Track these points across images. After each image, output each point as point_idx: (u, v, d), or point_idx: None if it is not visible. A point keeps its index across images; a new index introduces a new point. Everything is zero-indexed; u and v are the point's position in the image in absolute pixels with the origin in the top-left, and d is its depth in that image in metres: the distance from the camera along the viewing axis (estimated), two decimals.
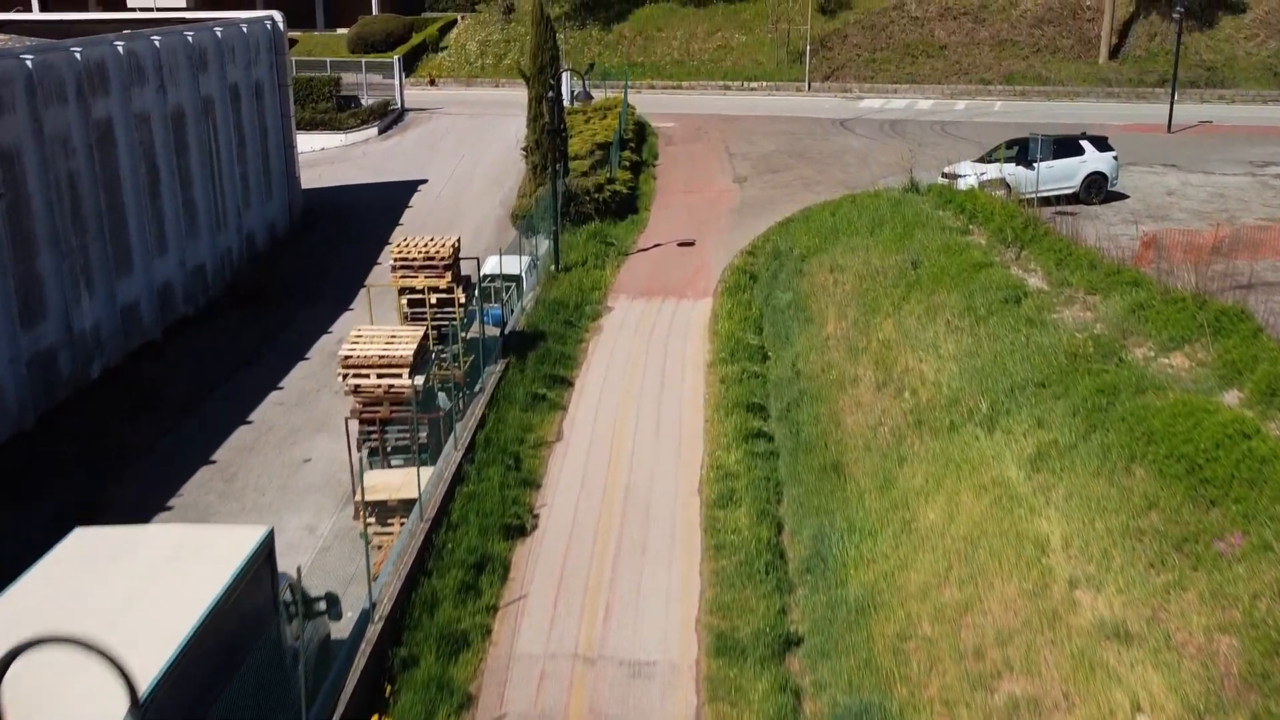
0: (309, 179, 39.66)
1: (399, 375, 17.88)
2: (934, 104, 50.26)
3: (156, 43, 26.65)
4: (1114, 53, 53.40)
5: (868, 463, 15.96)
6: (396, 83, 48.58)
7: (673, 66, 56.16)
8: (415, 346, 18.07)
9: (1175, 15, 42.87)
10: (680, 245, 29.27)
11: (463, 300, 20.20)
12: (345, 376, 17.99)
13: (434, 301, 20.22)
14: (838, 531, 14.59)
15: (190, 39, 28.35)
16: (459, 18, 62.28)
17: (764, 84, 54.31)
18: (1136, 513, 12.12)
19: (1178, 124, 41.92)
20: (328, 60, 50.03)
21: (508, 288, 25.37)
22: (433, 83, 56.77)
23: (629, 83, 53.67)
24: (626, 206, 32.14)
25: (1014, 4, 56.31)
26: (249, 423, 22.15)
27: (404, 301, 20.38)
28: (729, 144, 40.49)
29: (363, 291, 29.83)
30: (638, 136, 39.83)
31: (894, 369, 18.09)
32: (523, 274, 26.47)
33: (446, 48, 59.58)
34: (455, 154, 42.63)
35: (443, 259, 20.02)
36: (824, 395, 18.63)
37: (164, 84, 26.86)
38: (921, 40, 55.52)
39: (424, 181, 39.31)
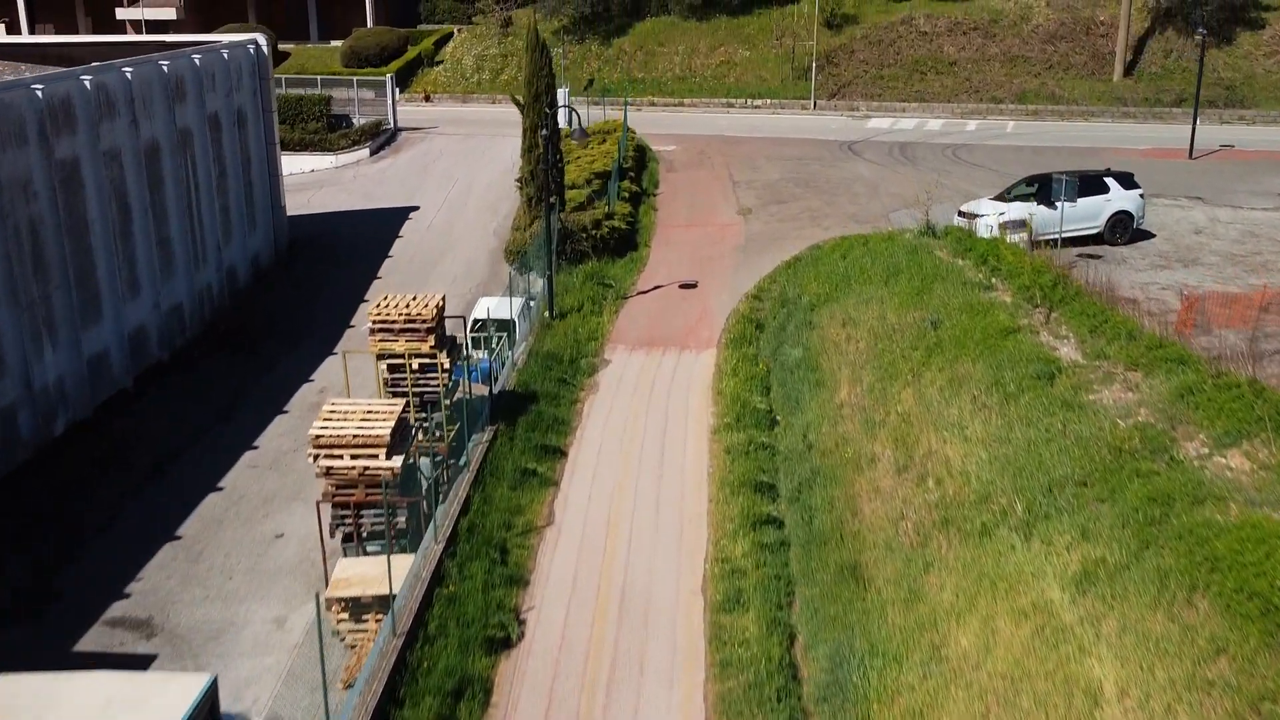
0: (297, 204, 38.20)
1: (375, 456, 16.40)
2: (944, 124, 48.72)
3: (128, 74, 25.15)
4: (1128, 69, 51.86)
5: (889, 566, 14.45)
6: (389, 102, 47.08)
7: (674, 83, 54.63)
8: (393, 424, 16.58)
9: (1198, 37, 41.29)
10: (682, 287, 27.74)
11: (447, 366, 18.67)
12: (316, 457, 16.50)
13: (415, 367, 18.71)
14: (858, 654, 13.07)
15: (165, 69, 26.84)
16: (455, 30, 60.79)
17: (768, 102, 52.77)
18: (1203, 658, 10.62)
19: (1198, 148, 40.39)
20: (318, 78, 48.54)
21: (499, 338, 23.87)
22: (427, 99, 55.28)
23: (629, 101, 52.18)
24: (625, 243, 30.60)
25: (1025, 19, 54.79)
26: (219, 489, 20.66)
27: (383, 367, 18.87)
28: (732, 170, 38.93)
29: (347, 334, 28.42)
30: (637, 163, 38.28)
31: (915, 450, 16.57)
32: (516, 319, 24.98)
33: (442, 61, 58.06)
34: (449, 177, 41.15)
35: (425, 321, 18.51)
36: (839, 476, 17.10)
37: (136, 118, 25.37)
38: (930, 56, 53.98)
39: (415, 209, 37.83)
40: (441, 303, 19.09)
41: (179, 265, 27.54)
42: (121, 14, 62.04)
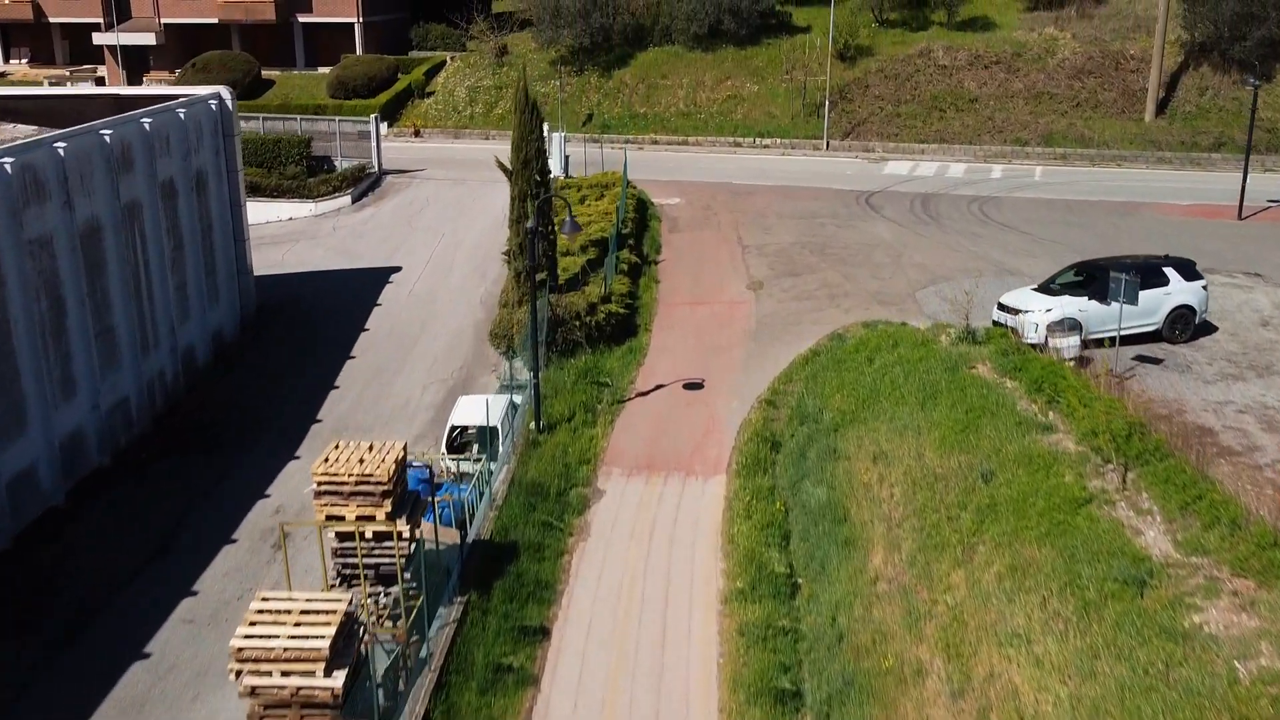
0: (270, 260, 35.26)
1: (312, 674, 13.39)
2: (967, 170, 45.62)
3: (60, 150, 22.20)
4: (1161, 108, 48.76)
5: None
6: (374, 144, 44.05)
7: (678, 119, 51.54)
8: (335, 629, 13.56)
9: (1250, 85, 38.10)
10: (686, 387, 24.67)
11: (405, 535, 15.64)
12: (239, 674, 13.48)
13: (369, 535, 15.69)
14: None
15: (107, 138, 23.86)
16: (448, 58, 57.79)
17: (778, 141, 49.69)
18: None
19: (1246, 204, 37.28)
20: (299, 117, 45.53)
21: (479, 459, 20.88)
22: (417, 133, 52.26)
23: (629, 139, 49.19)
24: (624, 327, 27.54)
25: (1050, 52, 51.72)
26: (146, 656, 17.68)
27: (331, 535, 15.85)
28: (741, 231, 35.82)
29: (313, 430, 25.49)
30: (638, 223, 35.19)
31: (972, 667, 13.54)
32: (500, 425, 21.99)
33: (433, 93, 55.00)
34: (435, 232, 38.14)
35: (380, 483, 15.45)
36: (878, 691, 14.07)
37: (71, 198, 22.44)
38: (950, 91, 50.91)
39: (397, 269, 34.85)
40: (401, 456, 16.05)
41: (124, 355, 24.59)
42: (99, 39, 59.06)
